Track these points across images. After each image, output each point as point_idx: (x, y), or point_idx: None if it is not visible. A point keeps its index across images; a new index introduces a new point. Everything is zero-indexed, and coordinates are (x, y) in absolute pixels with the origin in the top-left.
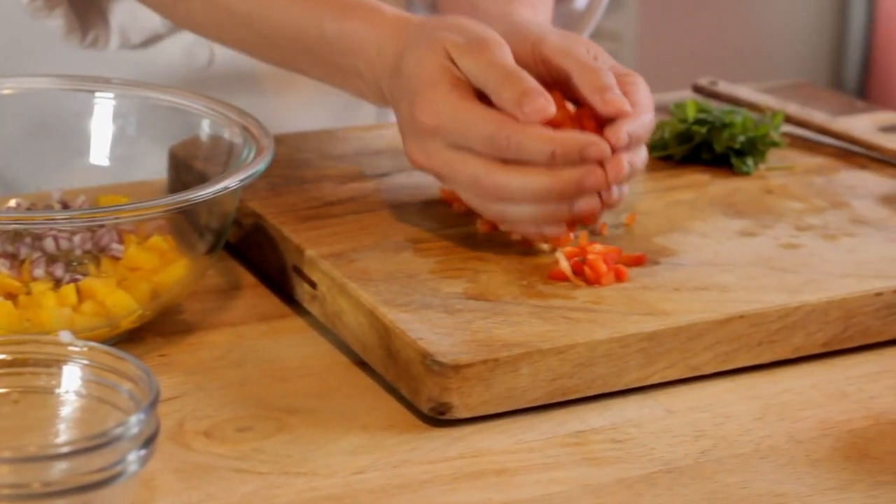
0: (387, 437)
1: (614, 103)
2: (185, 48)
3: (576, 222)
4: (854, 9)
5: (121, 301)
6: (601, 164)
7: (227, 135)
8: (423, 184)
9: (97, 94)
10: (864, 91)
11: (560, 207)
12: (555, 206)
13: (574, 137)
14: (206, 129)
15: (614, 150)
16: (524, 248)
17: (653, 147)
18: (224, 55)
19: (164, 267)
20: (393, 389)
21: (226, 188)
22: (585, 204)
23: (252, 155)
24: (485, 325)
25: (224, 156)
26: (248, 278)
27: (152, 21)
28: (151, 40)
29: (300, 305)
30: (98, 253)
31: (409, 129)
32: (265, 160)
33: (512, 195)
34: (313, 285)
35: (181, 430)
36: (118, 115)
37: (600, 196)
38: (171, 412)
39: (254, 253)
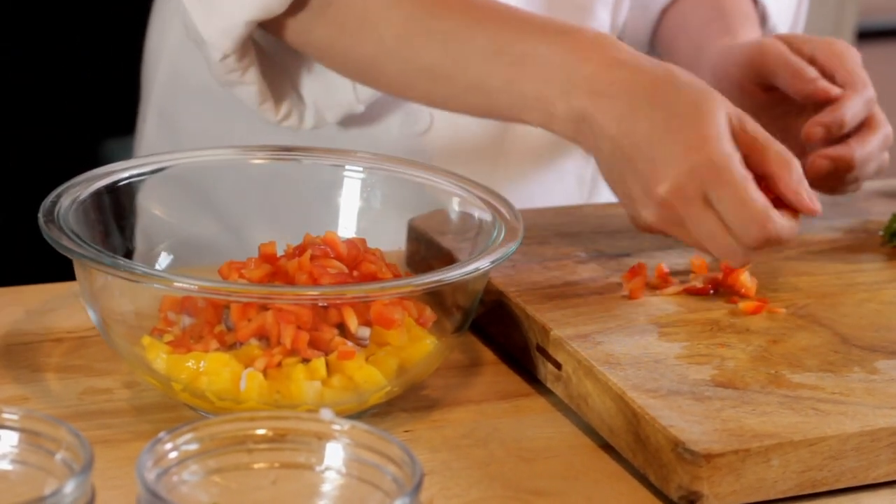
0: None
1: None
2: (404, 113)
3: None
4: None
5: (369, 376)
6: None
7: (476, 213)
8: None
9: (346, 166)
10: None
11: None
12: None
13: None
14: (454, 205)
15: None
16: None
17: (893, 235)
18: (442, 120)
19: (412, 343)
20: (640, 475)
21: (478, 269)
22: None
23: (502, 234)
24: (734, 414)
25: (472, 233)
26: (488, 355)
27: (347, 96)
28: (348, 120)
29: (542, 384)
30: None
31: (679, 163)
32: (517, 241)
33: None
34: (558, 366)
35: None
36: (365, 188)
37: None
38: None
39: (496, 330)
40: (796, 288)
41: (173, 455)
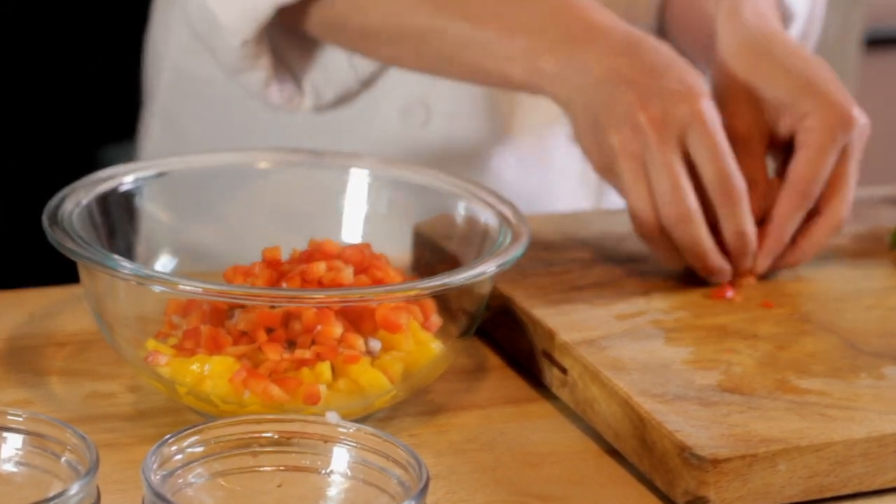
0: None
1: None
2: (402, 105)
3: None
4: None
5: (375, 380)
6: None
7: (482, 217)
8: (673, 272)
9: (351, 169)
10: None
11: None
12: None
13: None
14: (460, 210)
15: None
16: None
17: None
18: (440, 113)
19: (418, 348)
20: (646, 480)
21: (483, 273)
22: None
23: (508, 239)
24: (741, 419)
25: (478, 238)
26: (493, 360)
27: (344, 74)
28: (345, 97)
29: (547, 389)
30: None
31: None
32: (523, 245)
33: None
34: (564, 371)
35: None
36: (370, 193)
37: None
38: None
39: (501, 334)
40: (803, 293)
41: (178, 458)
